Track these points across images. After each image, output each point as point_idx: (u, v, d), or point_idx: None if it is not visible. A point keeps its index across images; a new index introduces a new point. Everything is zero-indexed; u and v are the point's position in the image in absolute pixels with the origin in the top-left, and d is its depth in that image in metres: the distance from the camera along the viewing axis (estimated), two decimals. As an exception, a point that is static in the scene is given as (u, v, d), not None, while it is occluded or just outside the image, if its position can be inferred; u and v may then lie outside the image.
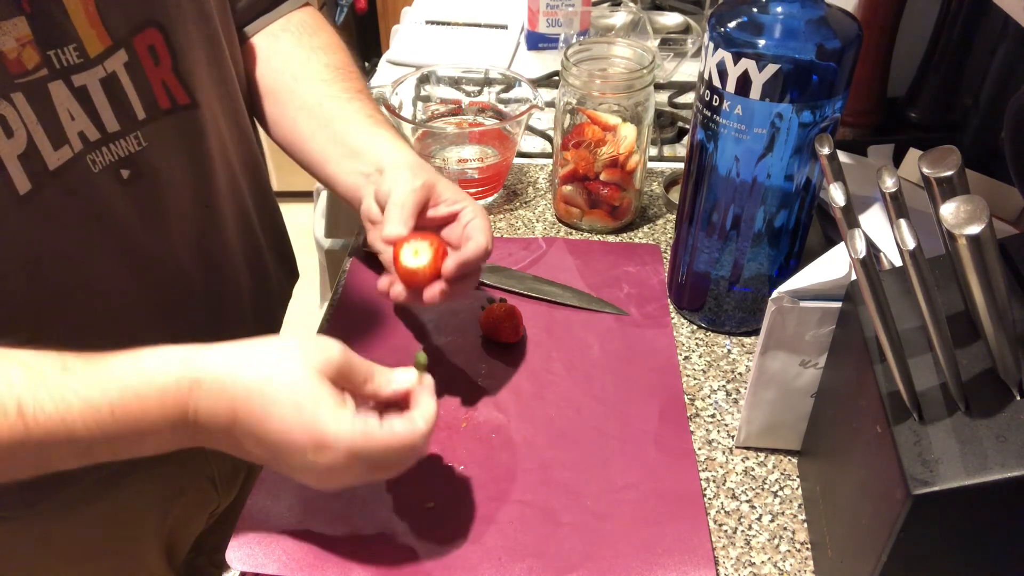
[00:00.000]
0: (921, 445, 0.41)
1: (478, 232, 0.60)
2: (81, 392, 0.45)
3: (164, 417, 0.46)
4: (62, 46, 0.51)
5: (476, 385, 0.69)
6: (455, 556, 0.55)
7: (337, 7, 2.53)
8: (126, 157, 0.56)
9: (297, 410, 0.46)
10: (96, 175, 0.54)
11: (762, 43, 0.59)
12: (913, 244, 0.38)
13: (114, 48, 0.54)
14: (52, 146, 0.51)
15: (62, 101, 0.52)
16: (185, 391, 0.46)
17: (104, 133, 0.55)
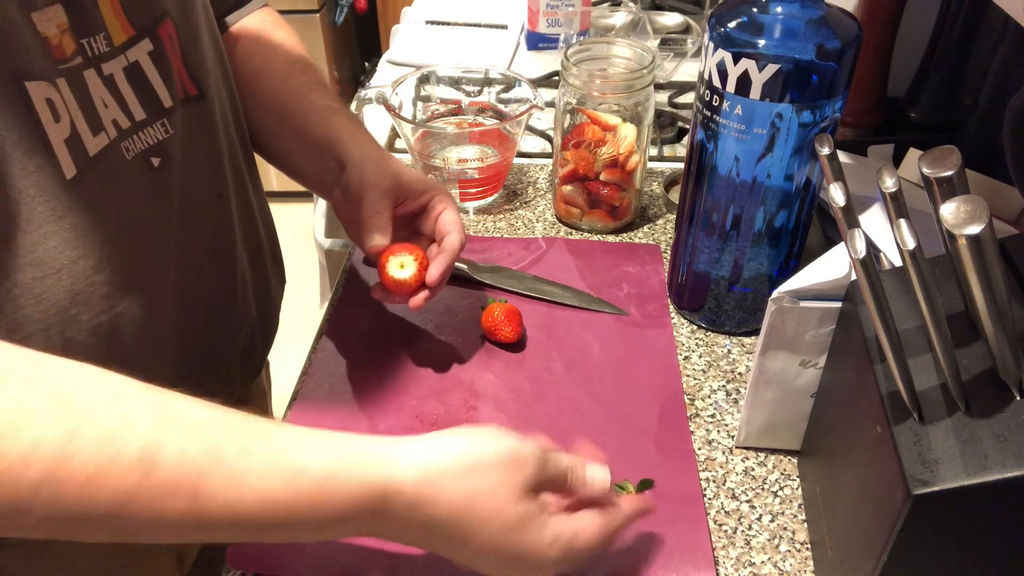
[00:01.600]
0: (921, 445, 0.41)
1: (451, 226, 0.64)
2: (257, 486, 0.40)
3: (346, 519, 0.42)
4: (94, 35, 0.52)
5: (476, 385, 0.69)
6: (455, 556, 0.55)
7: (337, 7, 2.52)
8: (155, 145, 0.57)
9: (502, 533, 0.45)
10: (130, 162, 0.55)
11: (762, 43, 0.59)
12: (913, 244, 0.38)
13: (137, 38, 0.55)
14: (91, 132, 0.52)
15: (96, 89, 0.52)
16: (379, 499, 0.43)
17: (133, 121, 0.55)
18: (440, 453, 0.45)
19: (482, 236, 0.87)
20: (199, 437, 0.40)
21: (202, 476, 0.39)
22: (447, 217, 0.65)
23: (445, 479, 0.44)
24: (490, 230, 0.88)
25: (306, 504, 0.41)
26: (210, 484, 0.39)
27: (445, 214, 0.65)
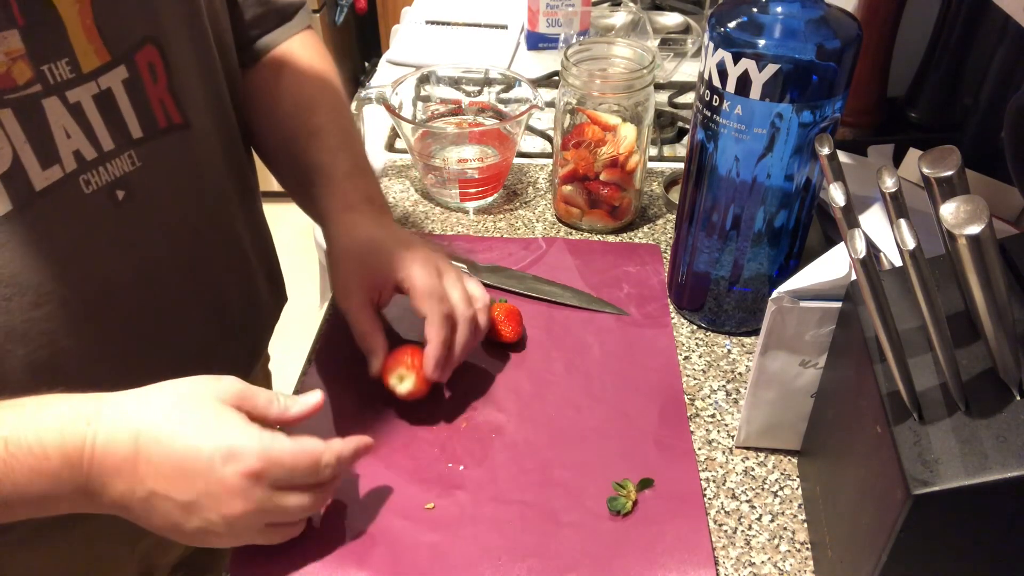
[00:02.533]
0: (921, 445, 0.41)
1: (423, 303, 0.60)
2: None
3: (60, 447, 0.45)
4: (55, 60, 0.49)
5: (476, 385, 0.69)
6: (455, 556, 0.55)
7: (337, 7, 2.52)
8: (121, 177, 0.55)
9: (204, 425, 0.47)
10: (88, 196, 0.53)
11: (762, 43, 0.59)
12: (913, 244, 0.38)
13: (113, 64, 0.53)
14: (40, 165, 0.49)
15: (57, 118, 0.50)
16: (85, 418, 0.46)
17: (100, 152, 0.53)
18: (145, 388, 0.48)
19: (482, 236, 0.87)
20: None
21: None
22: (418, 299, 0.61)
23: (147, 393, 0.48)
24: (490, 230, 0.88)
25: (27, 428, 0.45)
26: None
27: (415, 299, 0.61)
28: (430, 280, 0.61)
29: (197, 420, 0.47)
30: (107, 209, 0.54)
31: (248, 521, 0.48)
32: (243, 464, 0.47)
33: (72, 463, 0.46)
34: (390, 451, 0.63)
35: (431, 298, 0.60)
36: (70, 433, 0.46)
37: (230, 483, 0.47)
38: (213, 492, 0.47)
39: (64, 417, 0.46)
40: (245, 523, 0.48)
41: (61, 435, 0.46)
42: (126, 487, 0.47)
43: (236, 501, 0.47)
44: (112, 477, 0.46)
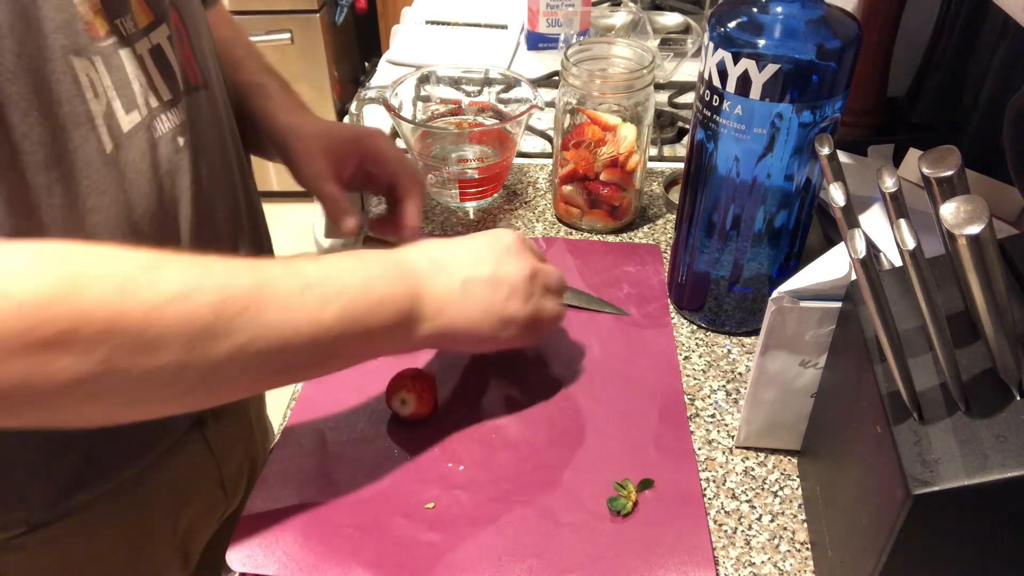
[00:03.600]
0: (921, 445, 0.41)
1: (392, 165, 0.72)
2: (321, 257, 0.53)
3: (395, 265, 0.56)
4: (123, 16, 0.53)
5: (476, 385, 0.69)
6: (455, 556, 0.55)
7: (337, 7, 2.53)
8: (180, 125, 0.58)
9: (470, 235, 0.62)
10: (159, 140, 0.56)
11: (762, 43, 0.59)
12: (913, 244, 0.38)
13: (156, 23, 0.56)
14: (124, 110, 0.53)
15: (131, 68, 0.53)
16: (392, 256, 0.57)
17: (161, 101, 0.56)
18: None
19: (482, 236, 0.87)
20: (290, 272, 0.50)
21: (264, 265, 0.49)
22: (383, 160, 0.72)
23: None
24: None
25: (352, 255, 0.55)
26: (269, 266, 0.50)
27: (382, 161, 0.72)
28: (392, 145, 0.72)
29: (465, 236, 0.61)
30: (173, 154, 0.58)
31: (534, 278, 0.60)
32: (511, 234, 0.62)
33: (403, 276, 0.55)
34: (390, 451, 0.63)
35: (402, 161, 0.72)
36: (391, 260, 0.56)
37: (511, 246, 0.60)
38: (505, 258, 0.59)
39: (377, 255, 0.56)
40: (533, 282, 0.60)
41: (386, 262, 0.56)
42: (444, 288, 0.57)
43: (522, 259, 0.60)
44: (432, 285, 0.56)
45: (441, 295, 0.56)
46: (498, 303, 0.58)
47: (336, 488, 0.60)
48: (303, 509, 0.58)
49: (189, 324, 0.44)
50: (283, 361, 0.49)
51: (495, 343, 0.60)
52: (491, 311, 0.58)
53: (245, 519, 0.57)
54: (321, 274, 0.51)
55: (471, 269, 0.57)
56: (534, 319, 0.60)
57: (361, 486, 0.60)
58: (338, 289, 0.51)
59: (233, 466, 0.77)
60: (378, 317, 0.53)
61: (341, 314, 0.50)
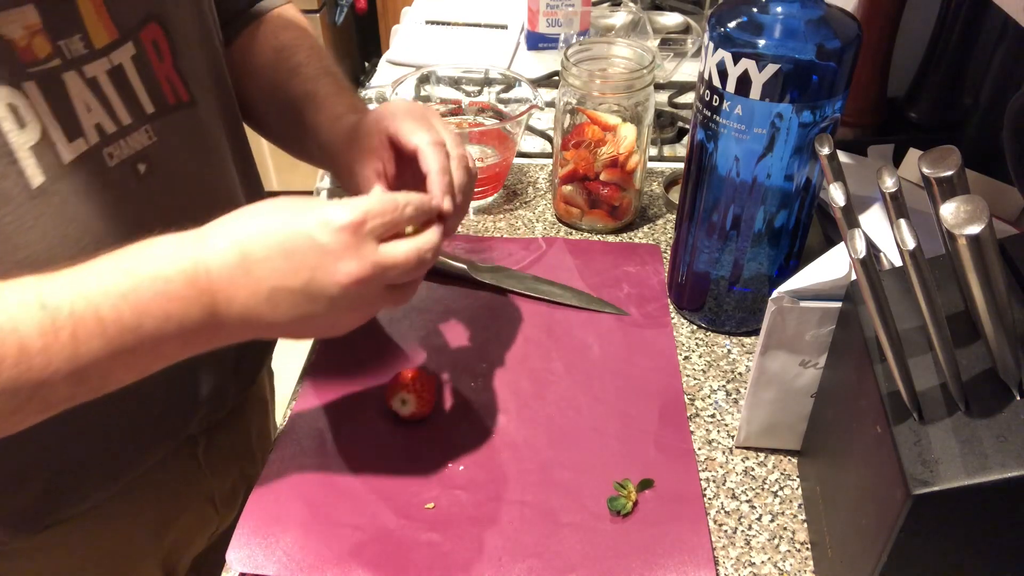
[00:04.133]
0: (921, 445, 0.41)
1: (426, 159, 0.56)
2: (93, 268, 0.45)
3: (179, 270, 0.46)
4: (70, 36, 0.50)
5: (476, 385, 0.69)
6: (455, 556, 0.55)
7: (337, 7, 2.53)
8: (141, 151, 0.55)
9: (294, 209, 0.49)
10: (112, 169, 0.54)
11: (762, 43, 0.59)
12: (913, 244, 0.38)
13: (121, 41, 0.53)
14: (67, 138, 0.50)
15: (78, 92, 0.50)
16: (191, 246, 0.47)
17: (119, 126, 0.54)
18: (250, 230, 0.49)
19: (482, 236, 0.87)
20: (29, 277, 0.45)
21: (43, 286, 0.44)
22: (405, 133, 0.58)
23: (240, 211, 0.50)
24: (490, 230, 0.88)
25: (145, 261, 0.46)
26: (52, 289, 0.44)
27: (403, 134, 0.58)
28: (413, 114, 0.59)
29: (286, 208, 0.49)
30: (130, 183, 0.55)
31: (367, 280, 0.48)
32: (339, 222, 0.47)
33: (193, 282, 0.46)
34: (390, 450, 0.63)
35: (419, 127, 0.58)
36: (182, 258, 0.47)
37: (335, 246, 0.47)
38: (324, 264, 0.47)
39: (173, 246, 0.47)
40: (365, 284, 0.49)
41: (175, 261, 0.46)
42: (248, 294, 0.48)
43: (349, 262, 0.48)
44: (233, 290, 0.47)
45: (244, 305, 0.48)
46: (316, 314, 0.49)
47: (336, 488, 0.60)
48: (303, 509, 0.58)
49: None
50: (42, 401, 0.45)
51: (322, 336, 0.54)
52: (307, 322, 0.50)
53: (245, 518, 0.57)
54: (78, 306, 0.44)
55: (282, 277, 0.47)
56: (363, 318, 0.52)
57: (361, 486, 0.60)
58: (96, 322, 0.44)
59: (227, 484, 0.76)
60: (165, 333, 0.46)
61: (108, 345, 0.45)
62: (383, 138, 0.59)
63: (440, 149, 0.57)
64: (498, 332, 0.74)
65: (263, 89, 0.72)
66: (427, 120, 0.59)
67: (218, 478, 0.74)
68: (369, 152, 0.60)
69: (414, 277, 0.52)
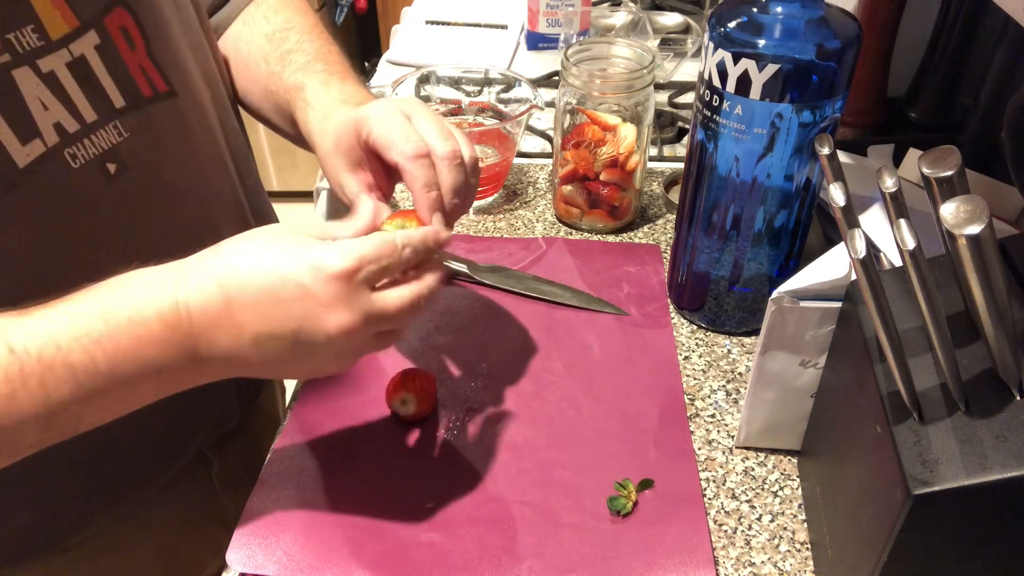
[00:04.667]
0: (921, 445, 0.41)
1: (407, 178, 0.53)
2: (68, 309, 0.43)
3: (157, 312, 0.43)
4: (20, 27, 0.45)
5: (476, 385, 0.69)
6: (455, 556, 0.55)
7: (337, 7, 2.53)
8: (110, 149, 0.51)
9: (283, 252, 0.45)
10: (77, 171, 0.50)
11: (762, 43, 0.59)
12: (913, 244, 0.38)
13: (83, 29, 0.49)
14: (20, 140, 0.46)
15: (31, 89, 0.46)
16: (171, 284, 0.44)
17: (82, 123, 0.49)
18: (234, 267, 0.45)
19: (482, 236, 0.87)
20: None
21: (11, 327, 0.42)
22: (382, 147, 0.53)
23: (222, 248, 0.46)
24: (490, 230, 0.88)
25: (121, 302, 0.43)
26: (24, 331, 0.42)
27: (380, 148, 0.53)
28: (390, 121, 0.53)
29: (275, 250, 0.45)
30: (99, 184, 0.51)
31: (357, 331, 0.46)
32: (331, 269, 0.44)
33: (173, 326, 0.44)
34: (390, 450, 0.63)
35: (396, 138, 0.52)
36: (162, 298, 0.44)
37: (326, 296, 0.44)
38: (313, 312, 0.44)
39: (152, 285, 0.44)
40: (355, 335, 0.46)
41: (154, 302, 0.44)
42: (231, 339, 0.45)
43: (339, 313, 0.45)
44: (215, 333, 0.45)
45: (227, 348, 0.45)
46: (301, 361, 0.47)
47: (336, 488, 0.60)
48: (303, 509, 0.58)
49: None
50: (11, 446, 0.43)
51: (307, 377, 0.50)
52: (292, 367, 0.48)
53: (245, 519, 0.57)
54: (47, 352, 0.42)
55: (268, 323, 0.45)
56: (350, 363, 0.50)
57: (361, 486, 0.60)
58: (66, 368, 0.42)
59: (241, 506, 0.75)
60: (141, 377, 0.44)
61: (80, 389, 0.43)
62: (365, 149, 0.56)
63: (421, 162, 0.52)
64: (498, 332, 0.74)
65: (258, 82, 0.68)
66: (405, 125, 0.53)
67: (232, 501, 0.72)
68: (354, 165, 0.56)
69: (407, 325, 0.50)
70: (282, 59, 0.65)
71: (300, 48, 0.66)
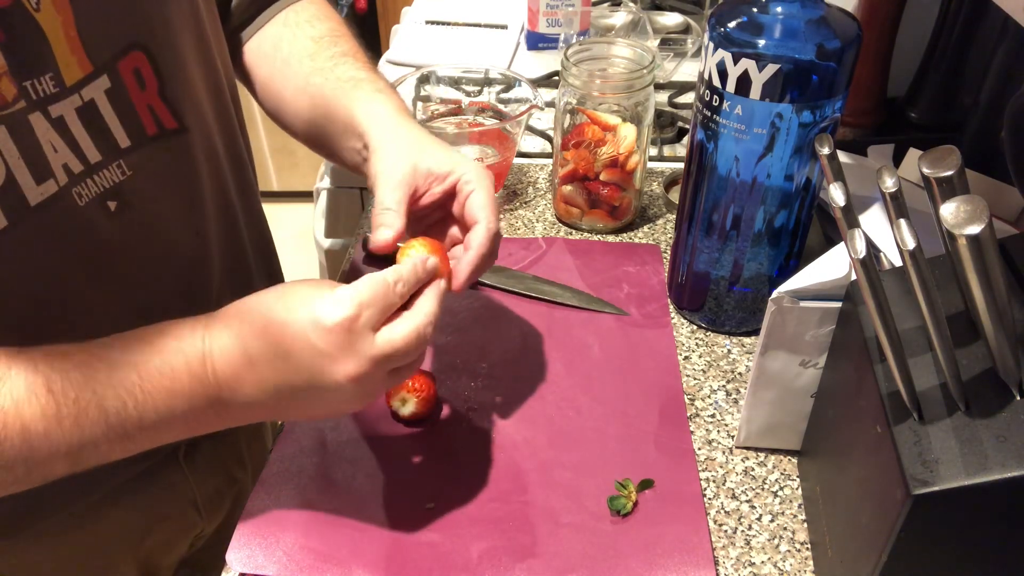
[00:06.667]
0: (921, 445, 0.41)
1: (479, 212, 0.57)
2: (104, 356, 0.46)
3: (187, 366, 0.47)
4: (39, 76, 0.48)
5: (476, 385, 0.69)
6: (455, 556, 0.55)
7: (337, 7, 2.53)
8: (111, 188, 0.54)
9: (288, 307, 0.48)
10: (82, 208, 0.52)
11: (762, 43, 0.59)
12: (913, 244, 0.38)
13: (95, 75, 0.51)
14: (35, 180, 0.49)
15: (43, 133, 0.49)
16: (199, 340, 0.48)
17: (87, 164, 0.52)
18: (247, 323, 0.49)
19: (482, 236, 0.86)
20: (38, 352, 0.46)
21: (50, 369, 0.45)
22: (473, 203, 0.57)
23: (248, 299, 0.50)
24: (490, 230, 0.88)
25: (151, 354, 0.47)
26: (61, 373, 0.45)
27: (471, 199, 0.58)
28: (487, 192, 0.58)
29: (282, 302, 0.48)
30: (100, 221, 0.54)
31: (367, 375, 0.48)
32: (329, 322, 0.46)
33: (200, 378, 0.47)
34: (390, 450, 0.63)
35: (489, 213, 0.57)
36: (190, 352, 0.48)
37: (331, 348, 0.47)
38: (321, 366, 0.47)
39: (183, 339, 0.48)
40: (366, 379, 0.48)
41: (184, 355, 0.47)
42: (253, 389, 0.48)
43: (346, 362, 0.47)
44: (238, 384, 0.48)
45: (249, 399, 0.49)
46: (320, 406, 0.50)
47: (336, 488, 0.60)
48: (303, 509, 0.58)
49: None
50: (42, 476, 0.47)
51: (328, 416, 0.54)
52: (312, 411, 0.51)
53: (245, 518, 0.57)
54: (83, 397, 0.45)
55: (284, 375, 0.48)
56: (373, 398, 0.52)
57: (361, 486, 0.60)
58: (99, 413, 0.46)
59: (211, 489, 0.75)
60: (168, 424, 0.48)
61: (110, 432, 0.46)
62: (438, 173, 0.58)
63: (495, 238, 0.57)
64: (498, 332, 0.74)
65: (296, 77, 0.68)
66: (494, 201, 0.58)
67: (201, 482, 0.73)
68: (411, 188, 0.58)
69: (416, 356, 0.51)
70: (334, 59, 0.67)
71: (355, 56, 0.68)
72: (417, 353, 0.50)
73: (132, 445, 0.48)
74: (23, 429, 0.44)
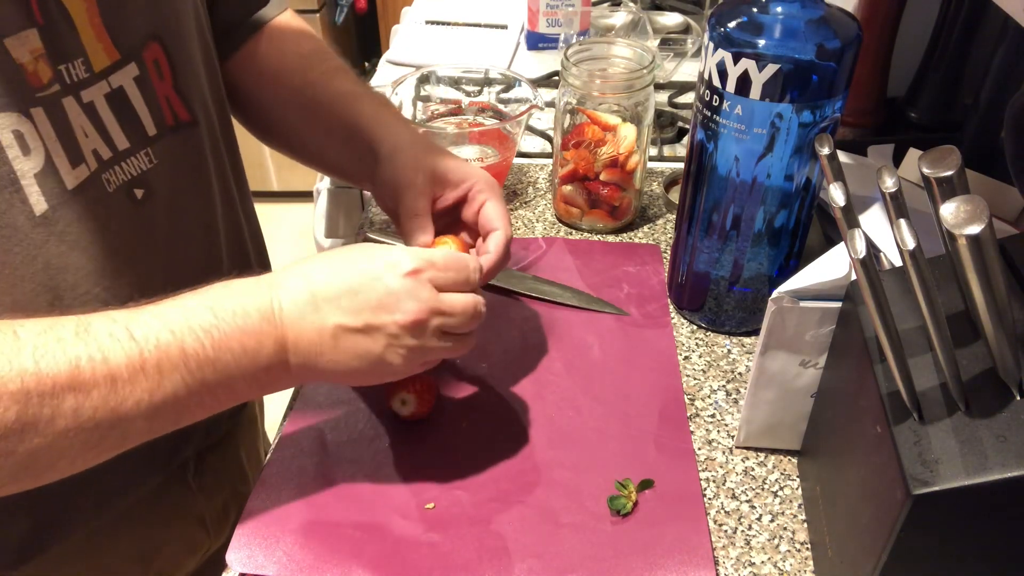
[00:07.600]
0: (921, 445, 0.41)
1: (495, 221, 0.61)
2: (176, 303, 0.48)
3: (257, 307, 0.49)
4: (71, 60, 0.49)
5: (476, 385, 0.69)
6: (455, 556, 0.55)
7: (337, 7, 2.53)
8: (138, 176, 0.54)
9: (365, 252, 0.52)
10: (111, 195, 0.53)
11: (762, 43, 0.59)
12: (913, 244, 0.38)
13: (122, 62, 0.52)
14: (70, 164, 0.49)
15: (75, 117, 0.50)
16: (267, 286, 0.50)
17: (115, 151, 0.53)
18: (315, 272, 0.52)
19: (482, 236, 0.87)
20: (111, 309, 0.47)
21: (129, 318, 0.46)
22: (489, 211, 0.62)
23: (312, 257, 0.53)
24: (490, 230, 0.88)
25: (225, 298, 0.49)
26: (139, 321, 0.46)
27: (487, 207, 0.62)
28: (499, 199, 0.63)
29: (358, 253, 0.53)
30: (128, 208, 0.54)
31: (423, 322, 0.51)
32: (404, 266, 0.51)
33: (268, 318, 0.49)
34: (390, 451, 0.63)
35: (504, 221, 0.62)
36: (260, 297, 0.50)
37: (399, 288, 0.51)
38: (387, 303, 0.50)
39: (251, 286, 0.50)
40: (420, 326, 0.51)
41: (254, 299, 0.49)
42: (314, 331, 0.50)
43: (407, 303, 0.51)
44: (301, 325, 0.50)
45: (310, 343, 0.50)
46: (374, 352, 0.51)
47: (336, 488, 0.60)
48: (303, 509, 0.58)
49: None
50: (121, 435, 0.46)
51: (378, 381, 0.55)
52: (366, 359, 0.52)
53: (245, 518, 0.57)
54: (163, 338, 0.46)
55: (345, 315, 0.50)
56: (417, 363, 0.54)
57: (361, 486, 0.60)
58: (180, 354, 0.46)
59: (218, 506, 0.75)
60: (240, 369, 0.49)
61: (189, 377, 0.46)
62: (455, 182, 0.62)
63: (508, 244, 0.62)
64: (498, 332, 0.74)
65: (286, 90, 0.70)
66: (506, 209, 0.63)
67: (209, 500, 0.73)
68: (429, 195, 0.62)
69: (469, 328, 0.55)
70: (327, 74, 0.70)
71: (347, 72, 0.71)
72: (470, 324, 0.54)
73: (207, 397, 0.48)
74: (110, 376, 0.44)
